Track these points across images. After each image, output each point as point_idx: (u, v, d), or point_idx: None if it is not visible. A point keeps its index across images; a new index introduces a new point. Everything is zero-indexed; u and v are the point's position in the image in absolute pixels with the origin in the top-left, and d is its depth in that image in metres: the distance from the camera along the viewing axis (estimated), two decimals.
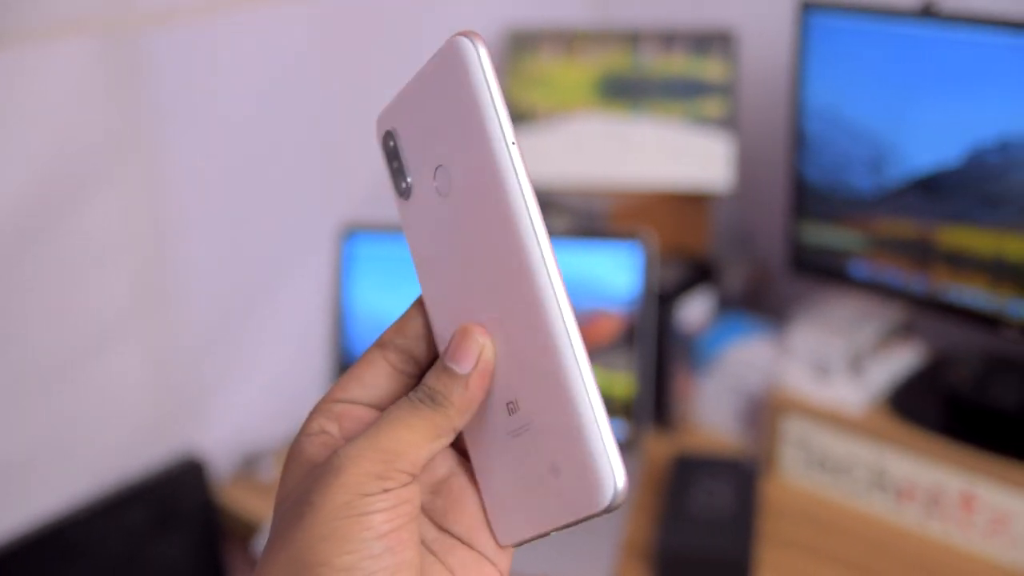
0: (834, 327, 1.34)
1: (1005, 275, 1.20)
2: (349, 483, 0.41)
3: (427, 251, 0.46)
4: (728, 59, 1.44)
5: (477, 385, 0.44)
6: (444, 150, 0.44)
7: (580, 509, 0.42)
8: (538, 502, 0.43)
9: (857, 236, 1.31)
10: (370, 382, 0.46)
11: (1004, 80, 1.14)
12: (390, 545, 0.41)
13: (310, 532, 0.41)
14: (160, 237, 1.26)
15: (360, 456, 0.42)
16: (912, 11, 1.21)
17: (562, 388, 0.42)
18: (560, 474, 0.42)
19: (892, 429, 1.24)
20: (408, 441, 0.43)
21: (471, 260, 0.44)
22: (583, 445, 0.41)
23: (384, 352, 0.46)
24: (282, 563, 0.42)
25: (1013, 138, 1.15)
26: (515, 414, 0.44)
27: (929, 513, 1.22)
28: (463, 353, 0.44)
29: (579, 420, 0.41)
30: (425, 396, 0.44)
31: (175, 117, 1.24)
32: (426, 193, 0.46)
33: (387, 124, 0.47)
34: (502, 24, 1.55)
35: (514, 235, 0.42)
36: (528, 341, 0.43)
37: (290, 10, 1.32)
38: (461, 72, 0.42)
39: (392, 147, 0.47)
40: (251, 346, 1.40)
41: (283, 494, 0.45)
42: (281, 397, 1.44)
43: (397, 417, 0.43)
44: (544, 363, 0.42)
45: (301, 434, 0.46)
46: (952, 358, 1.35)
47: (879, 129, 1.25)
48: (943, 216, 1.23)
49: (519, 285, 0.42)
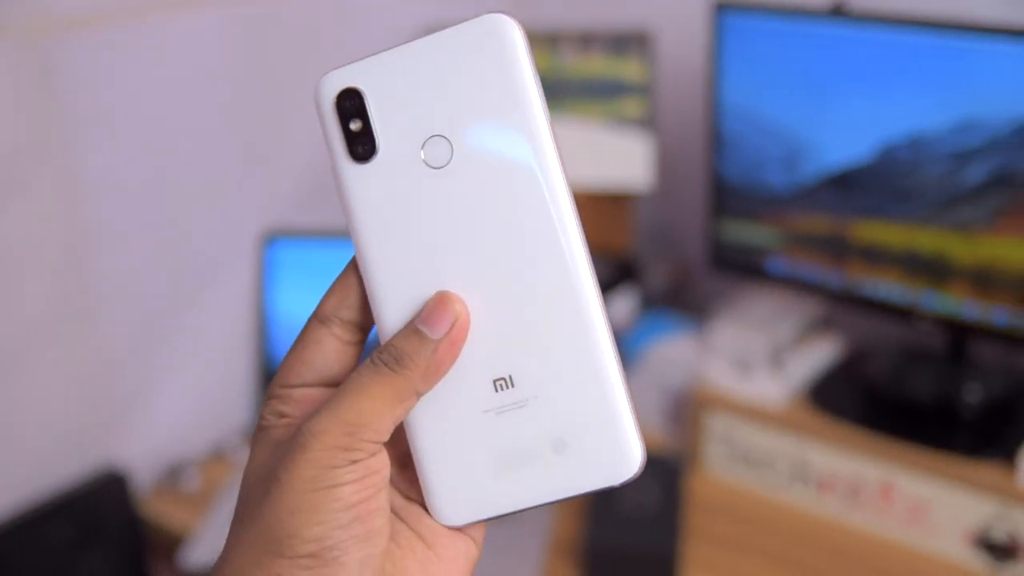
0: (754, 323, 1.36)
1: (918, 268, 1.23)
2: (315, 458, 0.41)
3: (386, 217, 0.45)
4: (646, 60, 1.46)
5: (446, 351, 0.44)
6: (447, 121, 0.44)
7: (600, 480, 0.44)
8: (515, 479, 0.44)
9: (774, 233, 1.33)
10: (320, 362, 0.45)
11: (913, 78, 1.17)
12: (359, 515, 0.41)
13: (278, 506, 0.41)
14: (78, 245, 1.24)
15: (324, 431, 0.41)
16: (823, 11, 1.23)
17: (591, 361, 0.43)
18: (566, 448, 0.44)
19: (813, 422, 1.26)
20: (371, 411, 0.42)
21: (466, 231, 0.44)
22: (612, 417, 0.43)
23: (329, 328, 0.45)
24: (250, 540, 0.42)
25: (922, 134, 1.18)
26: (506, 391, 0.44)
27: (849, 504, 1.24)
28: (437, 317, 0.44)
29: (609, 393, 0.43)
30: (390, 357, 0.43)
31: (91, 124, 1.22)
32: (401, 160, 0.45)
33: (348, 83, 0.45)
34: (419, 25, 1.55)
35: (548, 209, 0.43)
36: (546, 313, 0.43)
37: (207, 15, 1.31)
38: (504, 50, 0.43)
39: (353, 107, 0.45)
40: (173, 355, 1.38)
41: (249, 473, 0.45)
42: (205, 406, 1.43)
43: (358, 386, 0.43)
44: (569, 336, 0.43)
45: (260, 424, 0.45)
46: (869, 351, 1.38)
47: (794, 127, 1.27)
48: (857, 211, 1.26)
49: (545, 260, 0.43)
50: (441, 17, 1.56)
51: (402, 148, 0.45)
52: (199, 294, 1.39)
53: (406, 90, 0.44)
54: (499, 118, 0.43)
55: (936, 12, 1.17)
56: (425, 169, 0.44)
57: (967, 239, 1.18)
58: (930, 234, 1.21)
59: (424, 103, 0.44)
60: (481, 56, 0.43)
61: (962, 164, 1.16)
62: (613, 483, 0.44)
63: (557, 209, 0.43)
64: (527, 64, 0.43)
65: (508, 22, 0.43)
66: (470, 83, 0.44)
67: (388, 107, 0.45)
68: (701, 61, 1.44)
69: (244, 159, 1.40)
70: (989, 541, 1.15)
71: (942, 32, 1.14)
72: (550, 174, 0.43)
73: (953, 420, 1.24)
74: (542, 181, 0.43)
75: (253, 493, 0.43)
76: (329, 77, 0.45)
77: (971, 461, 1.17)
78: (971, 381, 1.26)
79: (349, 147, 0.45)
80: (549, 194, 0.43)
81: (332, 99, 0.45)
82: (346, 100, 0.45)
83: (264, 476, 0.43)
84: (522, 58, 0.43)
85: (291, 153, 1.45)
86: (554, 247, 0.43)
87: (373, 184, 0.45)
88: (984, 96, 1.13)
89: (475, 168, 0.44)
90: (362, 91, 0.45)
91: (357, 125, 0.45)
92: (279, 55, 1.41)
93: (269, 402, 0.45)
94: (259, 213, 1.43)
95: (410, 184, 0.45)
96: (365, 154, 0.45)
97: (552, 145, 0.43)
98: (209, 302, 1.40)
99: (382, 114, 0.45)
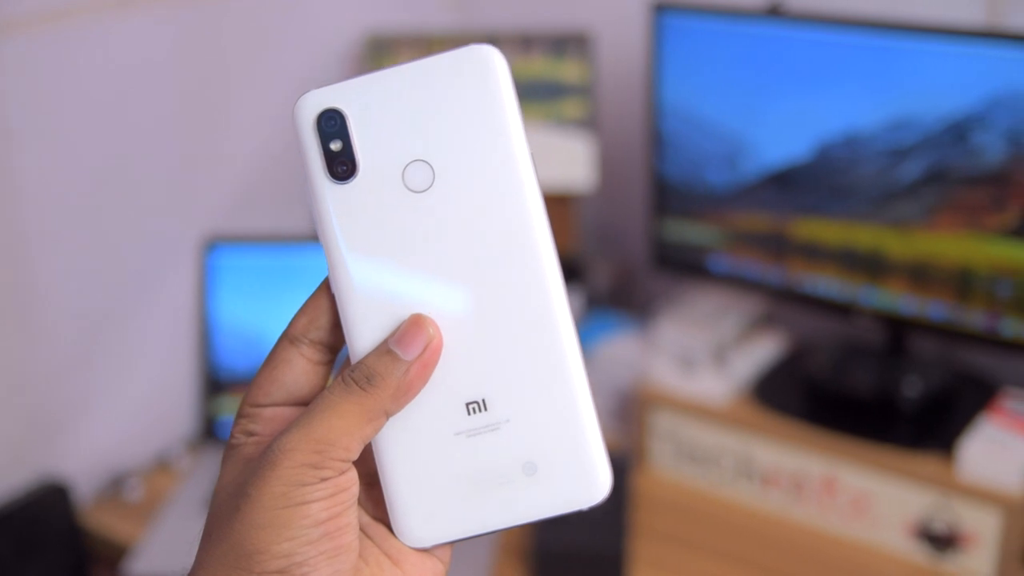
0: (698, 321, 1.37)
1: (856, 264, 1.25)
2: (285, 475, 0.41)
3: (362, 239, 0.45)
4: (586, 61, 1.47)
5: (417, 373, 0.44)
6: (430, 147, 0.45)
7: (567, 504, 0.45)
8: (484, 502, 0.45)
9: (716, 231, 1.35)
10: (290, 381, 0.46)
11: (848, 77, 1.19)
12: (328, 531, 0.42)
13: (247, 522, 0.41)
14: (14, 252, 1.22)
15: (294, 449, 0.42)
16: (760, 11, 1.25)
17: (564, 386, 0.44)
18: (536, 471, 0.45)
19: (756, 418, 1.27)
20: (341, 429, 0.43)
21: (443, 255, 0.45)
22: (582, 442, 0.44)
23: (299, 348, 0.46)
24: (219, 556, 0.42)
25: (858, 133, 1.19)
26: (479, 414, 0.45)
27: (793, 498, 1.26)
28: (410, 339, 0.44)
29: (579, 419, 0.44)
30: (361, 376, 0.44)
31: (27, 129, 1.20)
32: (381, 182, 0.45)
33: (330, 103, 0.46)
34: (361, 29, 1.54)
35: (526, 238, 0.45)
36: (521, 339, 0.44)
37: (143, 18, 1.29)
38: (488, 80, 0.45)
39: (334, 128, 0.45)
40: (114, 363, 1.36)
41: (219, 490, 0.45)
42: (148, 415, 1.41)
43: (329, 404, 0.43)
44: (543, 362, 0.44)
45: (230, 443, 0.46)
46: (811, 347, 1.39)
47: (732, 126, 1.29)
48: (796, 209, 1.27)
49: (522, 287, 0.44)
50: (381, 21, 1.56)
51: (383, 170, 0.45)
52: (140, 301, 1.37)
53: (388, 113, 0.45)
54: (483, 147, 0.45)
55: (870, 12, 1.19)
56: (405, 192, 0.45)
57: (903, 235, 1.20)
58: (867, 230, 1.23)
59: (407, 127, 0.45)
60: (465, 85, 0.45)
61: (897, 161, 1.18)
62: (581, 507, 0.45)
63: (535, 239, 0.45)
64: (510, 95, 0.45)
65: (493, 53, 0.45)
66: (454, 111, 0.45)
67: (369, 129, 0.46)
68: (640, 62, 1.45)
69: (184, 164, 1.39)
70: (930, 532, 1.17)
71: (876, 32, 1.15)
72: (529, 205, 0.45)
73: (893, 414, 1.26)
74: (522, 211, 0.45)
75: (223, 510, 0.43)
76: (310, 96, 0.46)
77: (911, 453, 1.19)
78: (910, 375, 1.28)
79: (329, 166, 0.46)
80: (528, 225, 0.45)
81: (313, 118, 0.46)
82: (327, 120, 0.46)
83: (234, 493, 0.43)
84: (506, 89, 0.45)
85: (232, 158, 1.44)
86: (531, 275, 0.45)
87: (351, 204, 0.46)
88: (917, 94, 1.15)
89: (456, 194, 0.45)
90: (344, 112, 0.46)
91: (337, 145, 0.46)
92: (220, 58, 1.39)
93: (239, 421, 0.46)
94: (200, 219, 1.42)
95: (389, 206, 0.45)
96: (344, 174, 0.46)
97: (533, 176, 0.45)
98: (150, 309, 1.39)
99: (363, 135, 0.46)
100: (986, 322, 1.18)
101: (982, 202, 1.14)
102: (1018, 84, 1.09)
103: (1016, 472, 1.12)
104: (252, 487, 0.42)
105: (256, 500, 0.41)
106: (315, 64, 1.52)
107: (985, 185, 1.14)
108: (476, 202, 0.45)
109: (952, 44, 1.12)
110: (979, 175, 1.14)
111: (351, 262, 0.45)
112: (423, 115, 0.45)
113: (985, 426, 1.17)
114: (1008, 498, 1.12)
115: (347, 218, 0.46)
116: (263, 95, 1.45)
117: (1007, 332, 1.17)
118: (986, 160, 1.13)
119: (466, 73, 0.45)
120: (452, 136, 0.45)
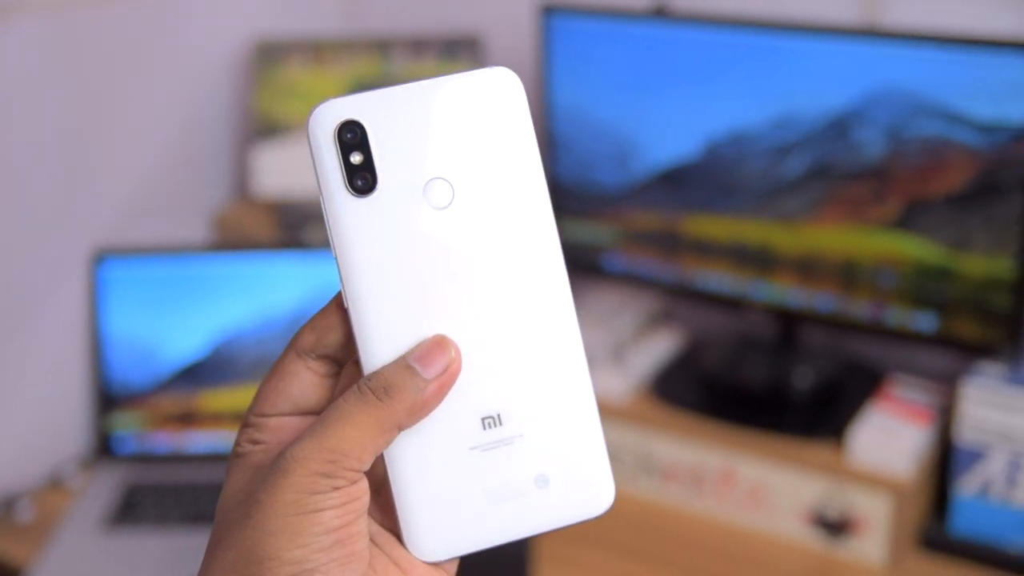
0: (595, 319, 1.38)
1: (746, 259, 1.27)
2: (297, 483, 0.41)
3: (381, 253, 0.45)
4: (477, 63, 1.47)
5: (434, 393, 0.44)
6: (450, 164, 0.45)
7: (576, 514, 0.46)
8: (496, 514, 0.45)
9: (609, 230, 1.36)
10: (296, 392, 0.46)
11: (733, 76, 1.21)
12: (340, 539, 0.42)
13: (258, 528, 0.41)
14: None
15: (307, 457, 0.42)
16: (646, 12, 1.27)
17: (576, 400, 0.46)
18: (548, 484, 0.45)
19: (655, 414, 1.29)
20: (354, 439, 0.42)
21: (462, 271, 0.45)
22: (593, 453, 0.46)
23: (305, 361, 0.46)
24: (228, 562, 0.42)
25: (743, 131, 1.22)
26: (494, 428, 0.45)
27: (693, 491, 1.28)
28: (432, 358, 0.44)
29: (591, 430, 0.46)
30: (378, 386, 0.44)
31: None
32: (401, 199, 0.45)
33: (350, 114, 0.45)
34: (249, 35, 1.53)
35: (544, 258, 0.46)
36: (537, 354, 0.45)
37: (22, 25, 1.26)
38: (509, 102, 0.46)
39: (353, 140, 0.45)
40: (2, 381, 1.32)
41: (226, 497, 0.45)
42: (38, 433, 1.37)
43: (343, 413, 0.43)
44: (557, 377, 0.46)
45: (235, 451, 0.46)
46: (706, 342, 1.42)
47: (622, 126, 1.30)
48: (686, 206, 1.29)
49: (538, 304, 0.46)
50: (270, 28, 1.55)
51: (403, 185, 0.45)
52: (28, 316, 1.34)
53: (408, 129, 0.46)
54: (503, 168, 0.46)
55: (753, 12, 1.22)
56: (426, 208, 0.45)
57: (790, 229, 1.23)
58: (756, 226, 1.25)
59: (427, 144, 0.45)
60: (486, 106, 0.45)
61: (782, 158, 1.21)
62: (590, 516, 0.46)
63: (552, 260, 0.46)
64: (528, 119, 0.46)
65: (512, 76, 0.46)
66: (475, 131, 0.46)
67: (390, 143, 0.45)
68: (531, 63, 1.46)
69: (69, 176, 1.36)
70: (823, 519, 1.20)
71: (758, 32, 1.18)
72: (546, 224, 0.46)
73: (785, 404, 1.29)
74: (539, 233, 0.46)
75: (231, 517, 0.43)
76: (329, 106, 0.45)
77: (803, 442, 1.21)
78: (801, 366, 1.31)
79: (349, 179, 0.45)
80: (544, 243, 0.46)
81: (333, 129, 0.45)
82: (348, 131, 0.45)
83: (243, 500, 0.43)
84: (525, 112, 0.46)
85: (119, 170, 1.41)
86: (548, 293, 0.46)
87: (370, 218, 0.45)
88: (799, 92, 1.18)
89: (475, 212, 0.45)
90: (364, 124, 0.45)
91: (358, 158, 0.45)
92: (105, 66, 1.37)
93: (244, 430, 0.46)
94: (89, 231, 1.38)
95: (409, 221, 0.45)
96: (365, 188, 0.45)
97: (547, 197, 0.46)
98: (40, 324, 1.35)
99: (383, 149, 0.45)
100: (871, 312, 1.21)
101: (864, 196, 1.17)
102: (895, 81, 1.12)
103: (904, 457, 1.15)
104: (264, 494, 0.42)
105: (268, 506, 0.41)
106: (203, 71, 1.50)
107: (866, 179, 1.17)
108: (495, 221, 0.45)
109: (831, 42, 1.15)
110: (860, 170, 1.17)
111: (369, 276, 0.45)
112: (443, 133, 0.45)
113: (873, 413, 1.20)
114: (897, 483, 1.15)
115: (366, 232, 0.45)
116: (151, 103, 1.42)
117: (891, 321, 1.20)
118: (866, 155, 1.16)
119: (487, 94, 0.46)
120: (472, 155, 0.45)
